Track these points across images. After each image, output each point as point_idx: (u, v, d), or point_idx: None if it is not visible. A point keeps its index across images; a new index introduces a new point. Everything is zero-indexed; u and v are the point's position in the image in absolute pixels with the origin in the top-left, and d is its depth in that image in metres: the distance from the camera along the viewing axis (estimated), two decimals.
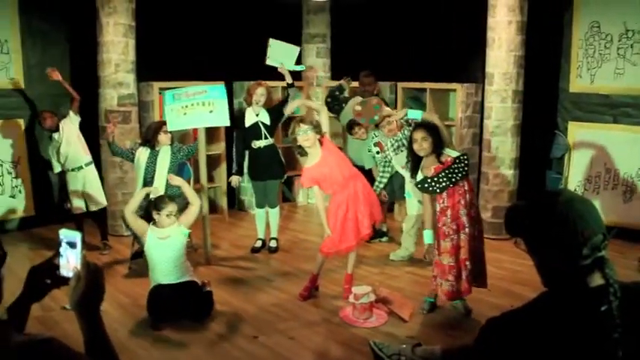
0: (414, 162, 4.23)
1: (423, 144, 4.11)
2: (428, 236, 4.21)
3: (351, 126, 6.19)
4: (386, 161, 5.55)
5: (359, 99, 6.19)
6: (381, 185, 5.64)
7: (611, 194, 6.23)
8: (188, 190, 4.68)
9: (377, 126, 5.97)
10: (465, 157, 4.16)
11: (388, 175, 5.61)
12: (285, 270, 5.41)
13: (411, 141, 4.19)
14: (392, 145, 5.42)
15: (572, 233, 1.52)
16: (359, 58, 7.27)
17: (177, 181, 4.75)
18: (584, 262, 1.52)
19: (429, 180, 4.13)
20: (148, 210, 4.44)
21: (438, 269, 4.22)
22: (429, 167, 4.15)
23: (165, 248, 4.27)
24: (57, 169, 5.93)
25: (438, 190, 4.13)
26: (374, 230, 6.21)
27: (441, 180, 4.10)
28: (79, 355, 1.39)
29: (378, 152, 5.75)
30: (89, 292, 1.48)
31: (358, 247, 4.74)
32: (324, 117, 4.78)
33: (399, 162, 5.37)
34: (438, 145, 4.14)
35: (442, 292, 4.22)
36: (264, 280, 5.16)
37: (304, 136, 4.43)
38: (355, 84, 6.52)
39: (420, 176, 4.19)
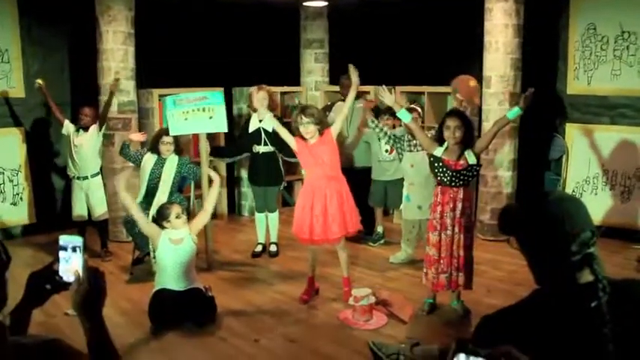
0: (438, 140, 4.24)
1: (455, 132, 4.08)
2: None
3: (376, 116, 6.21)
4: (389, 136, 5.48)
5: (341, 104, 6.26)
6: (374, 125, 5.46)
7: (610, 195, 6.25)
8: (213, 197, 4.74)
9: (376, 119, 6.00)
10: (478, 169, 4.19)
11: (387, 139, 5.50)
12: (286, 274, 5.44)
13: (441, 126, 4.18)
14: (408, 141, 5.44)
15: (561, 230, 1.55)
16: (357, 62, 7.28)
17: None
18: (573, 258, 1.56)
19: (441, 163, 4.13)
20: (157, 224, 4.47)
21: (425, 258, 4.37)
22: (446, 155, 4.16)
23: (178, 253, 4.31)
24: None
25: (438, 177, 4.19)
26: (371, 233, 6.29)
27: (445, 173, 4.14)
28: (82, 355, 1.43)
29: (386, 151, 5.95)
30: (91, 295, 1.51)
31: (321, 244, 4.71)
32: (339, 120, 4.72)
33: (409, 160, 5.39)
34: (467, 140, 4.15)
35: (427, 280, 4.34)
36: (265, 284, 5.19)
37: (306, 128, 4.46)
38: (336, 87, 6.63)
39: (438, 152, 4.17)
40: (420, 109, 5.85)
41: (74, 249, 1.55)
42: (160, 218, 4.41)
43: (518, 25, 6.09)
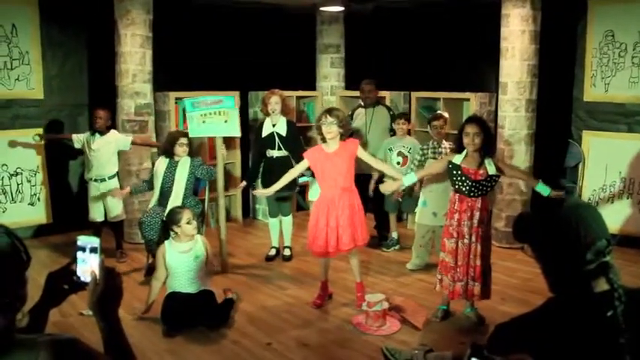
0: (458, 148, 4.22)
1: (475, 139, 4.03)
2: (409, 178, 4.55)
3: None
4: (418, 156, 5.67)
5: (362, 111, 6.34)
6: (413, 167, 5.66)
7: (626, 203, 6.19)
8: None
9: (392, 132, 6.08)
10: (497, 179, 4.15)
11: (417, 163, 5.68)
12: (299, 278, 5.45)
13: (461, 132, 4.14)
14: (433, 148, 5.52)
15: (576, 238, 1.55)
16: (373, 67, 7.31)
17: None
18: (589, 267, 1.55)
19: (460, 171, 4.11)
20: (166, 229, 4.48)
21: (441, 264, 4.33)
22: (466, 163, 4.13)
23: (189, 260, 4.34)
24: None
25: (456, 185, 4.16)
26: (385, 238, 6.30)
27: (464, 182, 4.11)
28: (99, 354, 1.44)
29: (398, 163, 5.96)
30: (107, 294, 1.53)
31: (334, 256, 4.70)
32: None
33: None
34: (487, 147, 4.12)
35: (443, 286, 4.30)
36: (278, 288, 5.20)
37: (329, 128, 4.44)
38: (356, 93, 6.70)
39: (457, 160, 4.14)
40: (447, 116, 5.83)
41: (91, 250, 1.58)
42: (171, 222, 4.41)
43: (535, 31, 6.06)
